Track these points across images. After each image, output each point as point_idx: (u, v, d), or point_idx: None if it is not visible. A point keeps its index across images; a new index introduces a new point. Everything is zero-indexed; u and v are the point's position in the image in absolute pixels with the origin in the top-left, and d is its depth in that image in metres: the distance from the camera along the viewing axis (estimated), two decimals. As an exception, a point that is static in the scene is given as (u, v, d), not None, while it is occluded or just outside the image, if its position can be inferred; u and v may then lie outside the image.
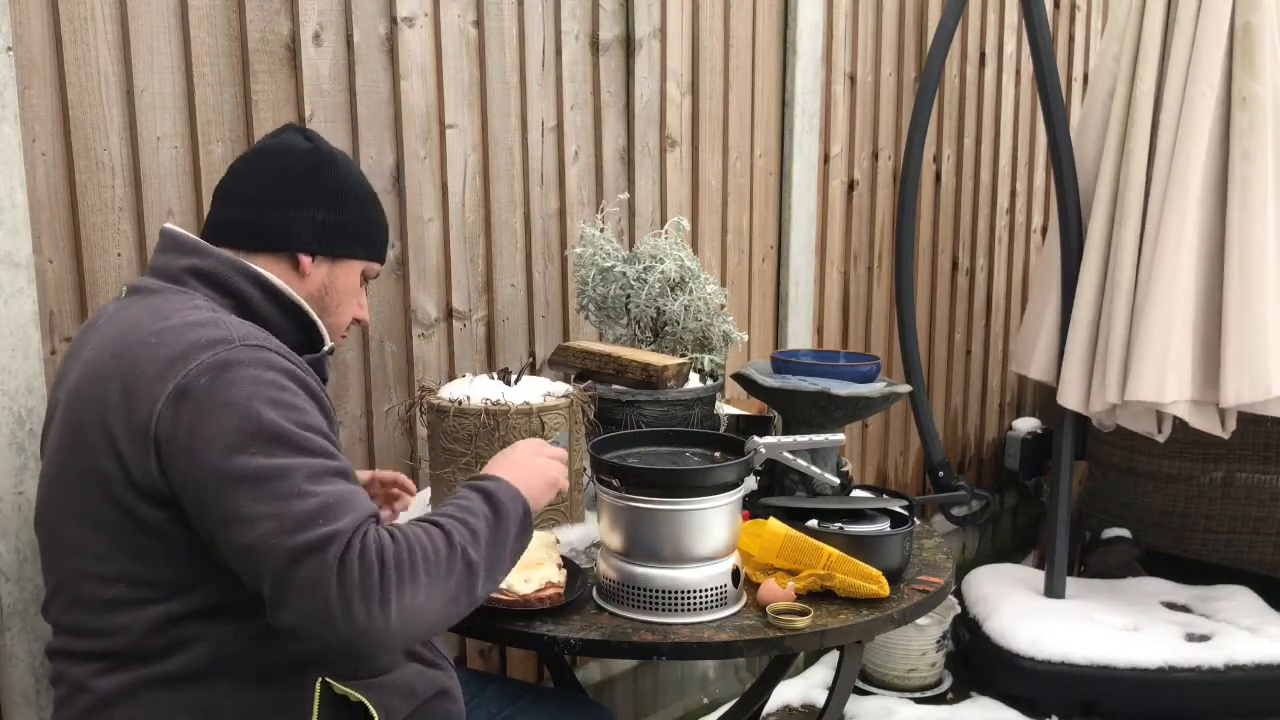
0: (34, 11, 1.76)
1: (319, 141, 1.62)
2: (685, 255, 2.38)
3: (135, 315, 1.46)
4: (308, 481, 1.33)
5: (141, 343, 1.40)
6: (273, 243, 1.56)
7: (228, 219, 1.57)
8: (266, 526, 1.30)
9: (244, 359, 1.37)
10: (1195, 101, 2.96)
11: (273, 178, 1.57)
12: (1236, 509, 3.57)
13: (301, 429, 1.36)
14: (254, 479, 1.31)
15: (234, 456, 1.31)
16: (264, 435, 1.33)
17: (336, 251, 1.61)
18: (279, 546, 1.29)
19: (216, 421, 1.33)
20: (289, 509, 1.31)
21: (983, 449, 4.23)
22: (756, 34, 3.02)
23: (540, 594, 1.74)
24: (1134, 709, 3.08)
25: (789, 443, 1.96)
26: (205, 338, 1.38)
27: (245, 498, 1.31)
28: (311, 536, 1.30)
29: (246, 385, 1.35)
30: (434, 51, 2.31)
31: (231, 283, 1.51)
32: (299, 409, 1.38)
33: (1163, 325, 2.99)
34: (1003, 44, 3.89)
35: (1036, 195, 4.21)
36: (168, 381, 1.35)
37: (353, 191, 1.62)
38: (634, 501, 1.75)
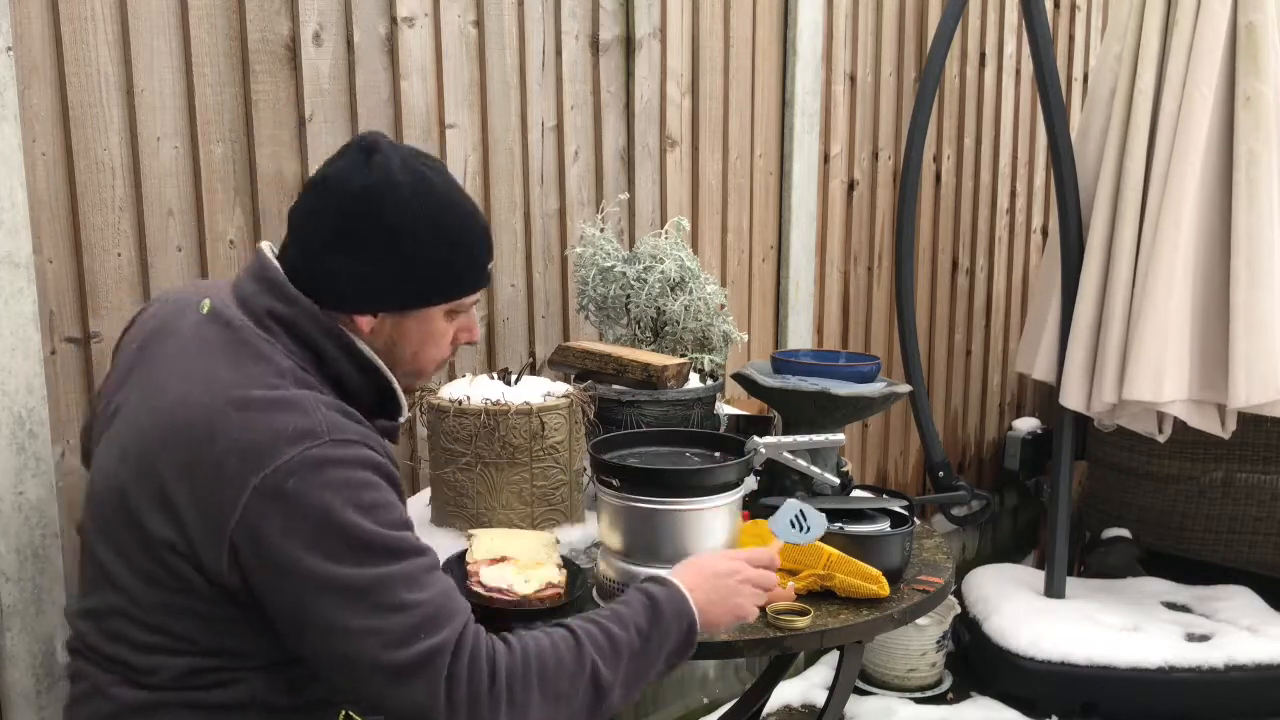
0: (34, 11, 1.76)
1: (380, 172, 1.40)
2: (685, 255, 2.38)
3: (215, 363, 1.37)
4: (406, 589, 1.29)
5: (221, 413, 1.32)
6: (325, 299, 1.42)
7: (291, 260, 1.45)
8: (370, 641, 1.28)
9: (334, 458, 1.30)
10: (1194, 102, 2.96)
11: (319, 222, 1.42)
12: (1236, 509, 3.57)
13: (394, 530, 1.32)
14: (354, 591, 1.28)
15: (331, 567, 1.27)
16: (360, 544, 1.28)
17: (398, 306, 1.45)
18: (383, 662, 1.27)
19: (310, 530, 1.28)
20: (391, 623, 1.28)
21: (983, 449, 4.23)
22: (756, 34, 3.02)
23: (540, 594, 1.73)
24: (1134, 709, 3.08)
25: (789, 443, 1.96)
26: (293, 428, 1.30)
27: (345, 610, 1.28)
28: (417, 652, 1.27)
29: (339, 489, 1.29)
30: (434, 51, 2.31)
31: (311, 337, 1.41)
32: (389, 506, 1.33)
33: (1159, 325, 2.99)
34: (1003, 44, 3.89)
35: (1036, 195, 4.21)
36: (251, 476, 1.28)
37: (415, 236, 1.41)
38: (634, 501, 1.75)
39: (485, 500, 1.97)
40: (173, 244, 1.97)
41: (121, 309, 1.91)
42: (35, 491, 1.80)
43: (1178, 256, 2.99)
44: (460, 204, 1.48)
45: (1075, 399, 3.21)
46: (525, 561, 1.79)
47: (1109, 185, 3.15)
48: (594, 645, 1.39)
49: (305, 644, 1.33)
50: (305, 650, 1.34)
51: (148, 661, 1.39)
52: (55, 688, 1.86)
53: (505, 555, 1.80)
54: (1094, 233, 3.18)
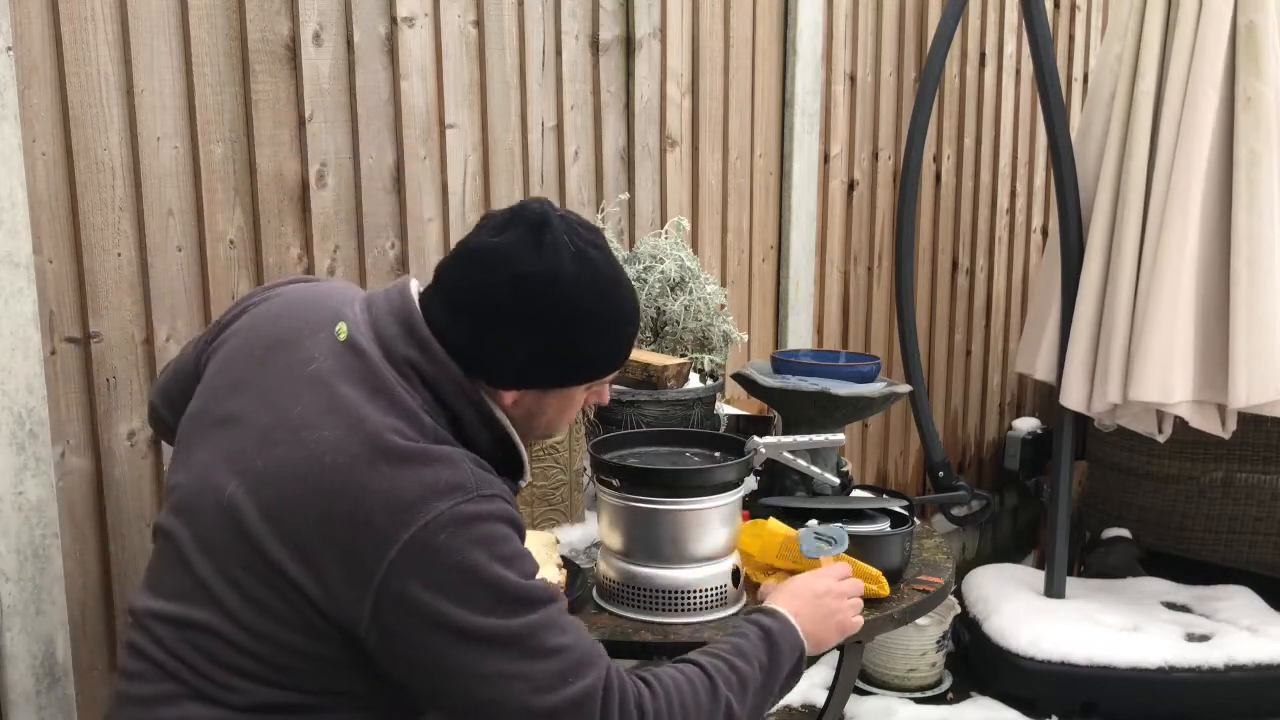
0: (34, 11, 1.76)
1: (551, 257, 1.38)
2: (685, 255, 2.38)
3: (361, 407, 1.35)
4: (549, 634, 1.32)
5: (370, 464, 1.31)
6: (473, 370, 1.42)
7: (437, 314, 1.41)
8: (519, 686, 1.30)
9: (482, 513, 1.32)
10: (1197, 102, 2.96)
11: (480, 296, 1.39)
12: (1236, 509, 3.57)
13: (532, 579, 1.35)
14: (503, 640, 1.30)
15: (480, 619, 1.29)
16: (509, 596, 1.31)
17: (546, 385, 1.47)
18: (534, 706, 1.30)
19: (460, 583, 1.29)
20: (540, 668, 1.30)
21: (983, 449, 4.23)
22: (756, 34, 3.02)
23: None
24: (1134, 709, 3.08)
25: (789, 443, 1.96)
26: (443, 482, 1.31)
27: (494, 659, 1.30)
28: (567, 696, 1.30)
29: (485, 544, 1.31)
30: (434, 51, 2.31)
31: (453, 401, 1.40)
32: (526, 557, 1.36)
33: (1166, 326, 2.99)
34: (1003, 44, 3.89)
35: (1036, 195, 4.21)
36: (402, 530, 1.28)
37: (577, 324, 1.41)
38: (634, 501, 1.75)
39: (485, 500, 1.97)
40: (173, 244, 1.97)
41: (121, 309, 1.91)
42: (35, 491, 1.80)
43: (1184, 257, 2.99)
44: (622, 289, 1.48)
45: (1076, 399, 3.21)
46: None
47: (1109, 185, 3.15)
48: (725, 682, 1.43)
49: (444, 698, 1.34)
50: (441, 704, 1.35)
51: (234, 683, 1.37)
52: (55, 687, 1.86)
53: None
54: (1094, 233, 3.18)
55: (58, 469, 1.85)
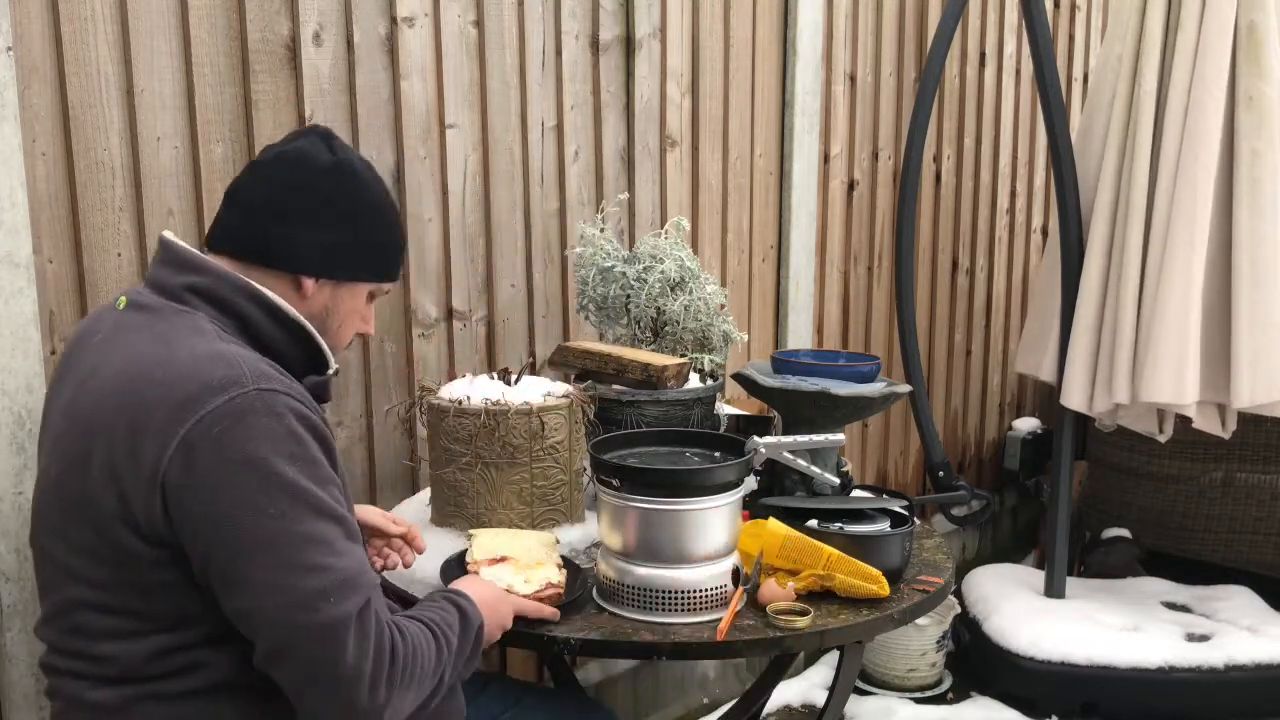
0: (34, 11, 1.76)
1: (342, 154, 1.52)
2: (685, 255, 2.38)
3: (138, 341, 1.40)
4: (319, 552, 1.31)
5: (147, 376, 1.35)
6: (275, 261, 1.48)
7: (233, 226, 1.50)
8: (277, 599, 1.30)
9: (259, 406, 1.32)
10: (1203, 102, 2.96)
11: (286, 190, 1.48)
12: (1236, 509, 3.57)
13: (317, 485, 1.34)
14: (266, 545, 1.30)
15: (248, 517, 1.29)
16: (284, 494, 1.30)
17: (344, 275, 1.52)
18: (288, 621, 1.30)
19: (231, 478, 1.30)
20: (301, 583, 1.30)
21: (983, 449, 4.23)
22: (756, 34, 3.02)
23: (540, 594, 1.73)
24: (1134, 709, 3.08)
25: (789, 443, 1.96)
26: (217, 378, 1.32)
27: (256, 564, 1.30)
28: (322, 617, 1.29)
29: (262, 439, 1.31)
30: (434, 51, 2.31)
31: (232, 302, 1.44)
32: (313, 461, 1.35)
33: (1178, 327, 2.98)
34: (1003, 44, 3.89)
35: (1036, 195, 4.21)
36: (179, 426, 1.30)
37: (371, 211, 1.53)
38: (634, 501, 1.75)
39: (485, 500, 1.97)
40: (173, 244, 1.97)
41: (121, 309, 1.91)
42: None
43: (1192, 258, 2.98)
44: (391, 198, 1.59)
45: (1076, 399, 3.21)
46: (525, 561, 1.79)
47: (1110, 185, 3.15)
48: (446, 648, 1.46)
49: (223, 599, 1.34)
50: (224, 605, 1.35)
51: (106, 649, 1.40)
52: (55, 688, 1.86)
53: (505, 555, 1.80)
54: (1095, 233, 3.18)
55: (58, 469, 1.84)
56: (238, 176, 1.54)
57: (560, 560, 1.85)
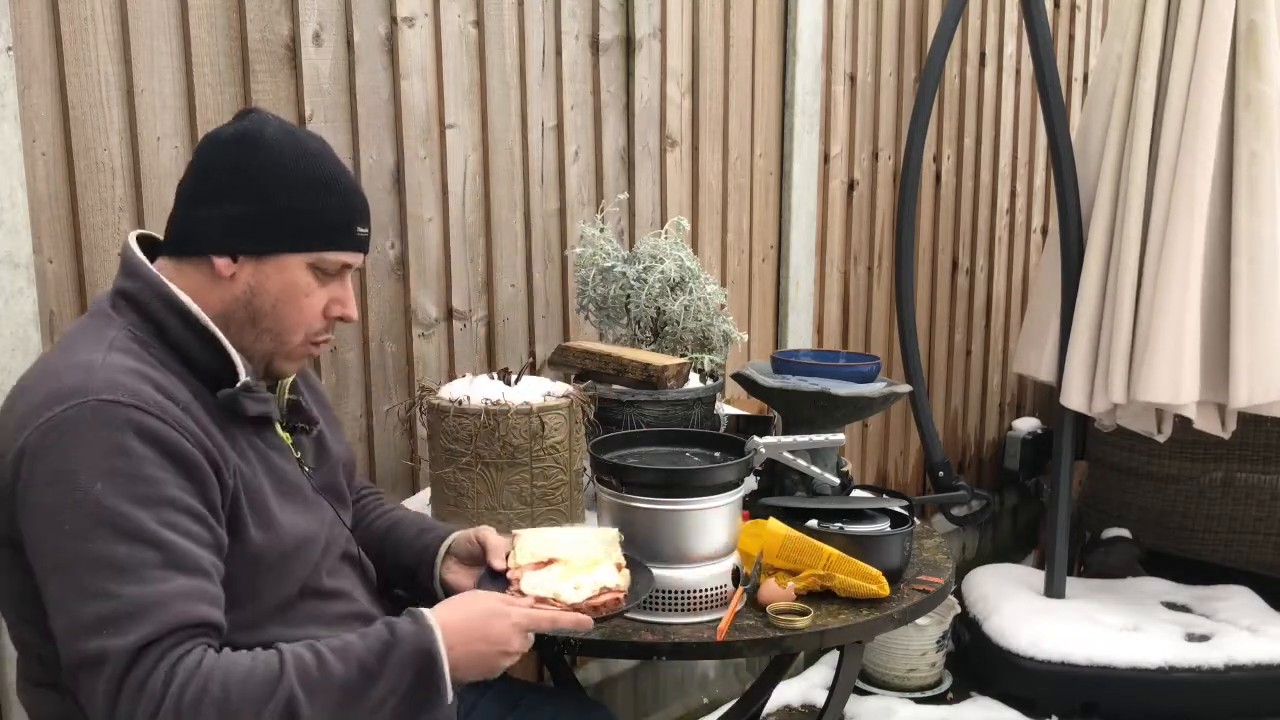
0: (34, 11, 1.76)
1: (252, 123, 1.44)
2: (685, 255, 2.38)
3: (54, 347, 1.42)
4: (109, 577, 1.22)
5: (24, 382, 1.37)
6: (189, 246, 1.43)
7: (168, 223, 1.47)
8: (62, 621, 1.24)
9: (90, 418, 1.26)
10: (1201, 102, 2.96)
11: (195, 174, 1.45)
12: (1236, 509, 3.57)
13: (135, 505, 1.25)
14: (63, 564, 1.24)
15: (51, 532, 1.24)
16: (87, 513, 1.23)
17: (256, 248, 1.42)
18: (69, 647, 1.24)
19: (44, 490, 1.25)
20: (82, 609, 1.22)
21: (983, 449, 4.23)
22: (756, 34, 3.02)
23: (594, 601, 1.51)
24: (1134, 709, 3.08)
25: (789, 443, 1.96)
26: (62, 388, 1.28)
27: (54, 581, 1.25)
28: (92, 648, 1.21)
29: (81, 451, 1.25)
30: (434, 51, 2.31)
31: (150, 308, 1.40)
32: (142, 479, 1.26)
33: (1174, 327, 2.98)
34: (1003, 44, 3.89)
35: (1036, 195, 4.21)
36: (20, 434, 1.28)
37: (277, 176, 1.41)
38: (634, 501, 1.75)
39: (485, 500, 1.97)
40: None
41: (121, 309, 1.91)
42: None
43: (1190, 258, 2.98)
44: (334, 164, 1.48)
45: (1076, 399, 3.21)
46: (577, 563, 1.59)
47: (1110, 185, 3.15)
48: (300, 674, 1.26)
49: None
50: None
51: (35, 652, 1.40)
52: (55, 688, 1.86)
53: (553, 558, 1.60)
54: (1095, 233, 3.18)
55: (58, 469, 1.85)
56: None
57: (622, 559, 1.63)
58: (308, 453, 1.58)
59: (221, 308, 1.43)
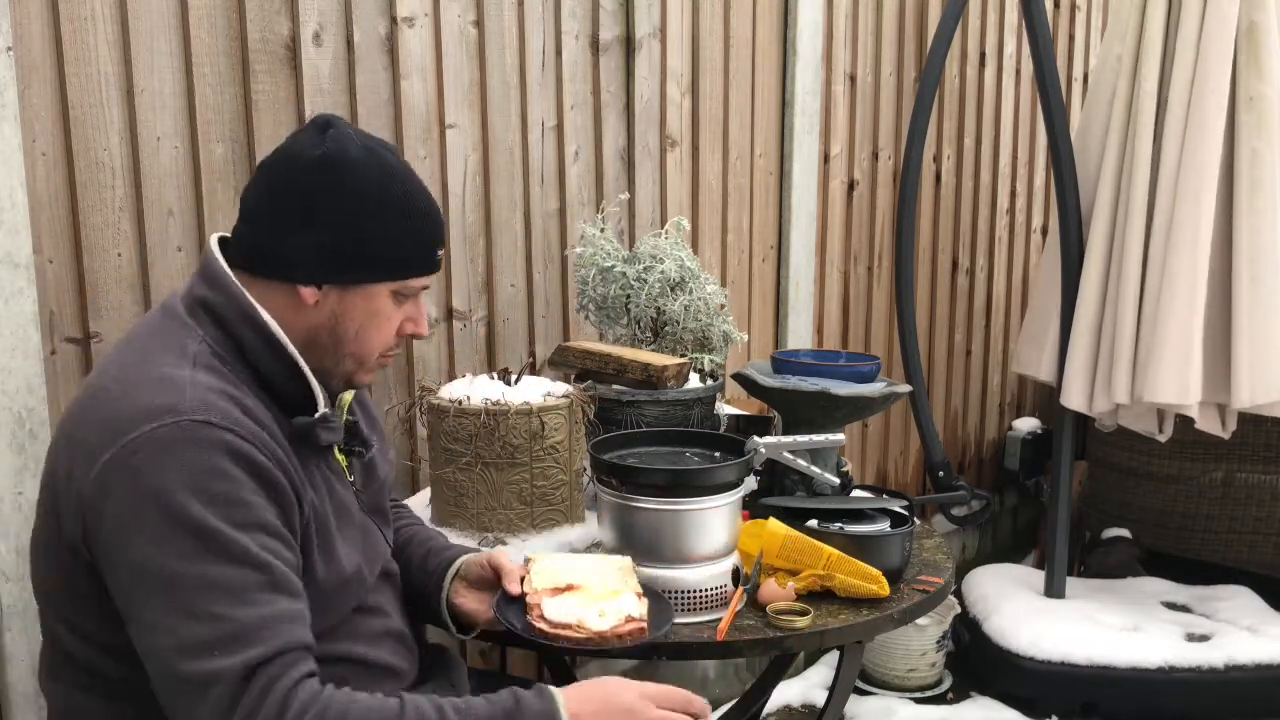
0: (34, 11, 1.76)
1: (333, 144, 1.40)
2: (685, 255, 2.38)
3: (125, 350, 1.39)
4: (220, 599, 1.22)
5: (104, 389, 1.34)
6: (270, 270, 1.41)
7: (239, 237, 1.44)
8: (165, 641, 1.23)
9: (184, 437, 1.25)
10: (1204, 102, 2.95)
11: (274, 194, 1.41)
12: (1236, 509, 3.57)
13: (234, 528, 1.25)
14: (166, 584, 1.23)
15: (151, 552, 1.23)
16: (192, 533, 1.23)
17: (344, 279, 1.41)
18: (171, 668, 1.23)
19: (142, 509, 1.24)
20: (189, 630, 1.22)
21: (983, 449, 4.23)
22: (756, 34, 3.02)
23: (619, 630, 1.51)
24: (1134, 709, 3.08)
25: (789, 443, 1.96)
26: (154, 404, 1.27)
27: (154, 601, 1.24)
28: (200, 669, 1.21)
29: (180, 472, 1.24)
30: (434, 51, 2.31)
31: (233, 326, 1.39)
32: (239, 503, 1.26)
33: (1182, 327, 2.98)
34: (1003, 44, 3.89)
35: (1036, 195, 4.21)
36: (106, 450, 1.26)
37: (367, 204, 1.39)
38: (634, 501, 1.75)
39: (485, 500, 1.97)
40: (173, 244, 1.97)
41: (122, 309, 1.91)
42: (34, 492, 1.79)
43: (1196, 258, 2.97)
44: (415, 185, 1.46)
45: (1077, 399, 3.21)
46: (597, 590, 1.57)
47: (1110, 185, 3.15)
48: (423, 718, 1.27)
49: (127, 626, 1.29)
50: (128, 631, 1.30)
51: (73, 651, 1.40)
52: (55, 688, 1.86)
53: (571, 584, 1.58)
54: (1095, 233, 3.18)
55: (58, 469, 1.85)
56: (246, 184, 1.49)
57: (640, 588, 1.61)
58: (358, 474, 1.58)
59: (305, 332, 1.42)
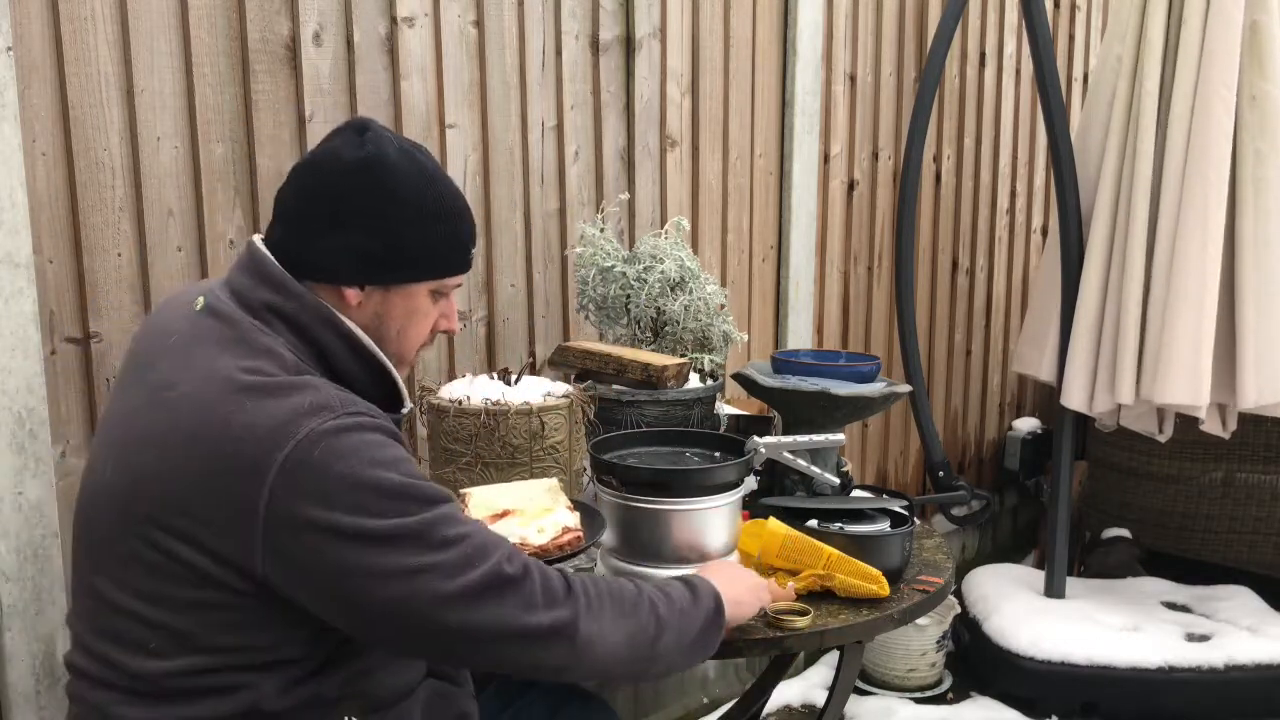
0: (34, 11, 1.76)
1: (373, 147, 1.43)
2: (685, 255, 2.38)
3: (217, 358, 1.37)
4: (446, 526, 1.34)
5: (233, 400, 1.32)
6: (314, 274, 1.43)
7: (277, 240, 1.46)
8: (427, 576, 1.31)
9: (351, 425, 1.33)
10: (1210, 101, 2.94)
11: (313, 198, 1.44)
12: (1236, 509, 3.57)
13: (419, 479, 1.36)
14: (402, 538, 1.31)
15: (374, 522, 1.29)
16: (395, 494, 1.31)
17: (386, 280, 1.46)
18: (446, 591, 1.32)
19: (344, 492, 1.29)
20: (445, 557, 1.32)
21: (983, 449, 4.23)
22: (756, 34, 3.02)
23: (559, 541, 1.66)
24: (1134, 709, 3.08)
25: (789, 443, 1.96)
26: (308, 404, 1.32)
27: (397, 555, 1.30)
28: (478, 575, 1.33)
29: (364, 451, 1.31)
30: (434, 51, 2.31)
31: (314, 331, 1.42)
32: (408, 460, 1.37)
33: (1192, 329, 2.97)
34: (1003, 44, 3.89)
35: (1036, 195, 4.21)
36: (275, 454, 1.28)
37: (406, 207, 1.43)
38: (634, 501, 1.75)
39: (485, 500, 1.97)
40: (173, 244, 1.97)
41: (121, 309, 1.91)
42: (35, 491, 1.80)
43: (1206, 259, 2.96)
44: (449, 185, 1.51)
45: (1077, 399, 3.21)
46: (531, 510, 1.71)
47: (1110, 185, 3.15)
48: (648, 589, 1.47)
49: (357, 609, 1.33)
50: (356, 617, 1.34)
51: (144, 666, 1.36)
52: (55, 687, 1.86)
53: (507, 509, 1.72)
54: (1095, 233, 3.17)
55: (58, 469, 1.85)
56: (280, 187, 1.50)
57: (570, 502, 1.78)
58: None
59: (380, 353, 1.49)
